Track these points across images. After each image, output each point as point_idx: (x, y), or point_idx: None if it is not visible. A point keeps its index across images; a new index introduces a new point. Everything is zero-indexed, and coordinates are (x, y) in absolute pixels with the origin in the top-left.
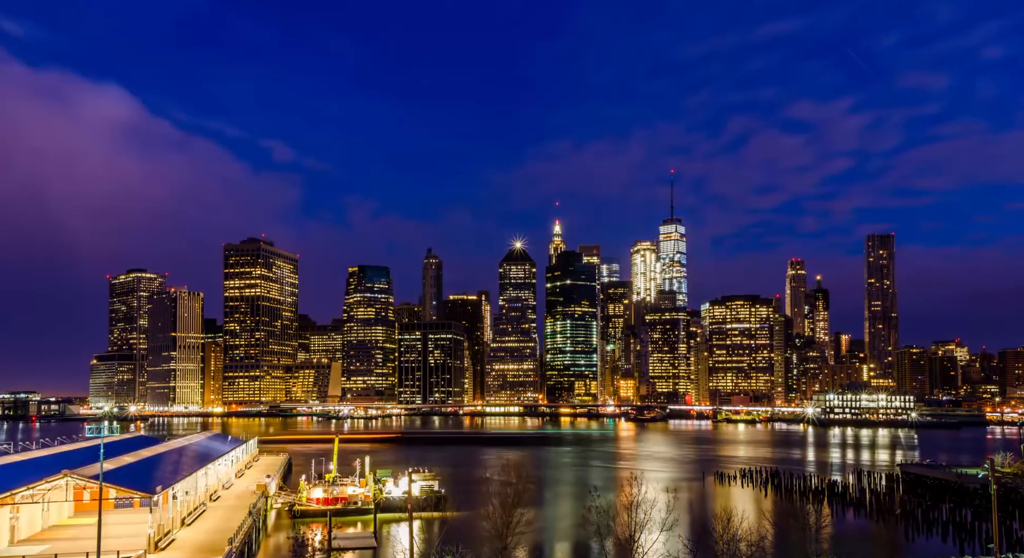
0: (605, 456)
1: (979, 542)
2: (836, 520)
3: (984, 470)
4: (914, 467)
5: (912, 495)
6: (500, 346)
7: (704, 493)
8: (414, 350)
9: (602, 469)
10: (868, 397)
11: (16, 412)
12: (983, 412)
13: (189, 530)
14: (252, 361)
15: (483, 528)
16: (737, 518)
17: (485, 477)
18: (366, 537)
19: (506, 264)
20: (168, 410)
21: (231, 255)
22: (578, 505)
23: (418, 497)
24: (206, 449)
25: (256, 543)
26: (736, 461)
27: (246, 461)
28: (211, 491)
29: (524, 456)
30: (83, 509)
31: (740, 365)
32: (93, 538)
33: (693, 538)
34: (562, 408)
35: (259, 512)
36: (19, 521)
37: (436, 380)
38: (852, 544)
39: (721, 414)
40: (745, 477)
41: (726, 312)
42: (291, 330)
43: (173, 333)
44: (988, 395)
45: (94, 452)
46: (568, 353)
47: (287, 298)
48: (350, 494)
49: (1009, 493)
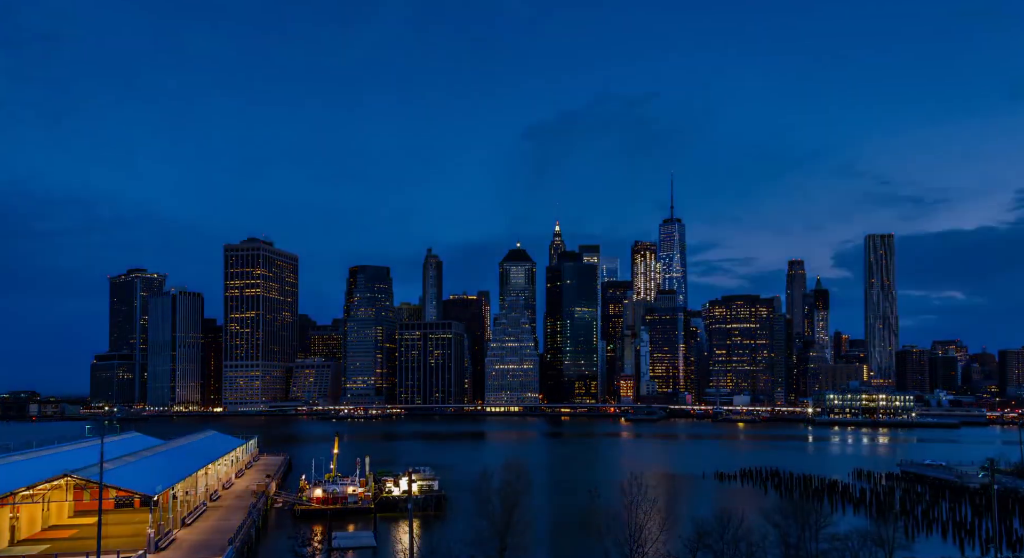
0: (605, 456)
1: (979, 541)
2: (836, 519)
3: (984, 470)
4: (914, 466)
5: (912, 494)
6: (500, 346)
7: (704, 493)
8: (414, 350)
9: (602, 469)
10: (868, 397)
11: (16, 412)
12: (983, 412)
13: (189, 530)
14: (252, 361)
15: (483, 528)
16: (737, 518)
17: (485, 477)
18: (366, 536)
19: (506, 264)
20: (168, 410)
21: (231, 255)
22: (578, 505)
23: (418, 497)
24: (206, 449)
25: (256, 543)
26: (736, 461)
27: (246, 461)
28: (211, 491)
29: (524, 456)
30: (83, 509)
31: (740, 365)
32: (93, 538)
33: (693, 538)
34: (562, 408)
35: (259, 512)
36: (19, 521)
37: (436, 380)
38: (852, 543)
39: (721, 414)
40: (745, 476)
41: (726, 312)
42: (291, 330)
43: (173, 333)
44: (988, 395)
45: (94, 452)
46: (568, 353)
47: (287, 298)
48: (350, 494)
49: (1009, 493)
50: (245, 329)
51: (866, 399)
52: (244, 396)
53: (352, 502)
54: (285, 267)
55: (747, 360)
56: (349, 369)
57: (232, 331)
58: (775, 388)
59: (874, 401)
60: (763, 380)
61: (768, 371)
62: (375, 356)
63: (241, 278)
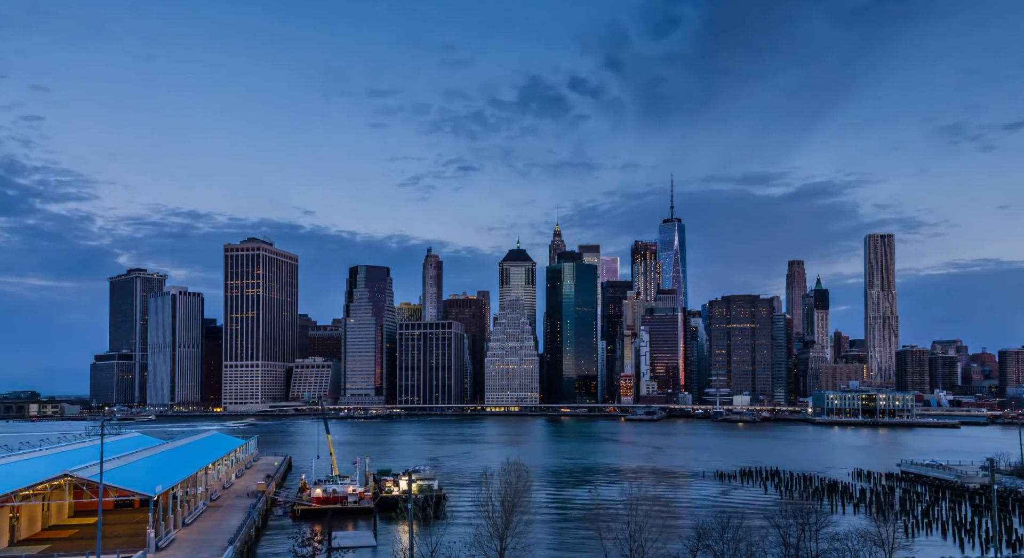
0: (605, 456)
1: (979, 541)
2: (836, 519)
3: (984, 470)
4: (914, 466)
5: (912, 494)
6: (500, 346)
7: (704, 493)
8: (414, 350)
9: (602, 469)
10: (867, 397)
11: (16, 412)
12: (983, 412)
13: (189, 530)
14: (252, 361)
15: (483, 528)
16: (737, 518)
17: (485, 477)
18: (366, 536)
19: (506, 263)
20: (168, 410)
21: (231, 255)
22: (578, 505)
23: (418, 496)
24: (206, 449)
25: (256, 543)
26: (736, 460)
27: (246, 461)
28: (211, 491)
29: (524, 456)
30: (83, 509)
31: (740, 365)
32: (93, 538)
33: (693, 538)
34: (562, 408)
35: (259, 512)
36: (19, 521)
37: (436, 380)
38: (852, 543)
39: (721, 414)
40: (745, 476)
41: (726, 312)
42: (291, 330)
43: (173, 333)
44: (988, 395)
45: (94, 452)
46: (568, 353)
47: (287, 298)
48: (350, 493)
49: (1009, 492)
50: (245, 329)
51: (866, 399)
52: (244, 396)
53: (352, 502)
54: (285, 267)
55: (747, 360)
56: (349, 369)
57: (232, 331)
58: (775, 388)
59: (874, 401)
60: (763, 380)
61: (768, 371)
62: (375, 356)
63: (241, 278)
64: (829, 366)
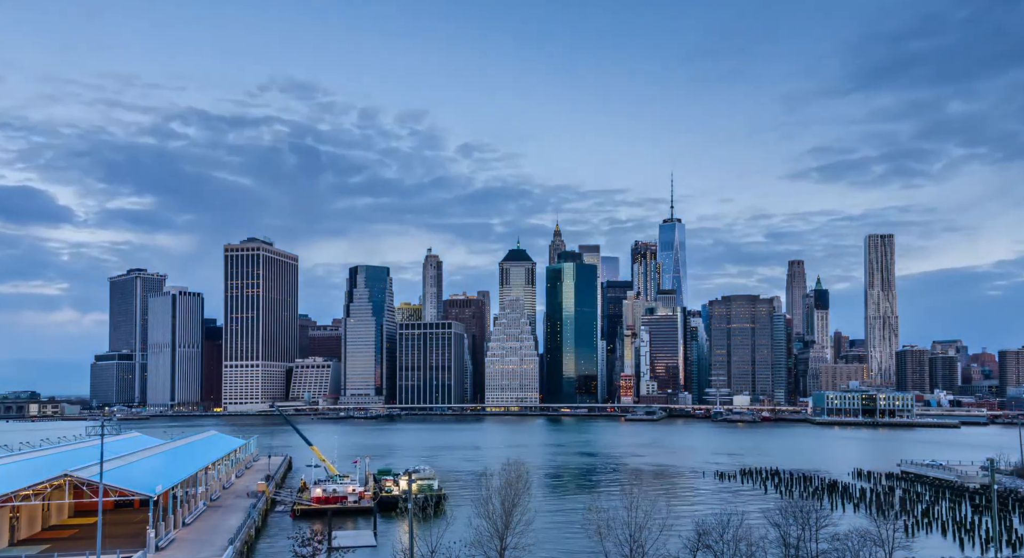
0: (604, 456)
1: (979, 541)
2: (836, 519)
3: (984, 470)
4: (914, 466)
5: (912, 494)
6: (500, 346)
7: (704, 492)
8: (414, 350)
9: (602, 469)
10: (867, 397)
11: (16, 412)
12: (983, 412)
13: (189, 530)
14: (252, 361)
15: (483, 527)
16: (737, 518)
17: (485, 477)
18: (366, 536)
19: (506, 263)
20: (168, 410)
21: (231, 255)
22: (578, 505)
23: (418, 496)
24: (206, 449)
25: (256, 543)
26: (736, 460)
27: (245, 461)
28: (211, 491)
29: (523, 456)
30: (83, 509)
31: (740, 365)
32: (93, 538)
33: (693, 538)
34: (562, 408)
35: (259, 511)
36: (19, 521)
37: (436, 380)
38: (852, 543)
39: (721, 414)
40: (745, 476)
41: (726, 312)
42: (291, 330)
43: (173, 333)
44: (988, 395)
45: (94, 452)
46: (568, 353)
47: (287, 298)
48: (350, 493)
49: (1008, 492)
50: (245, 329)
51: (866, 399)
52: (244, 396)
53: (352, 502)
54: (285, 267)
55: (747, 360)
56: (349, 369)
57: (232, 331)
58: (775, 388)
59: (874, 401)
60: (763, 380)
61: (768, 371)
62: (375, 356)
63: (241, 278)
64: (829, 366)
